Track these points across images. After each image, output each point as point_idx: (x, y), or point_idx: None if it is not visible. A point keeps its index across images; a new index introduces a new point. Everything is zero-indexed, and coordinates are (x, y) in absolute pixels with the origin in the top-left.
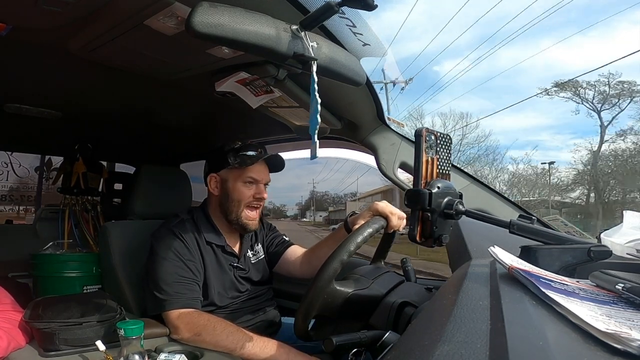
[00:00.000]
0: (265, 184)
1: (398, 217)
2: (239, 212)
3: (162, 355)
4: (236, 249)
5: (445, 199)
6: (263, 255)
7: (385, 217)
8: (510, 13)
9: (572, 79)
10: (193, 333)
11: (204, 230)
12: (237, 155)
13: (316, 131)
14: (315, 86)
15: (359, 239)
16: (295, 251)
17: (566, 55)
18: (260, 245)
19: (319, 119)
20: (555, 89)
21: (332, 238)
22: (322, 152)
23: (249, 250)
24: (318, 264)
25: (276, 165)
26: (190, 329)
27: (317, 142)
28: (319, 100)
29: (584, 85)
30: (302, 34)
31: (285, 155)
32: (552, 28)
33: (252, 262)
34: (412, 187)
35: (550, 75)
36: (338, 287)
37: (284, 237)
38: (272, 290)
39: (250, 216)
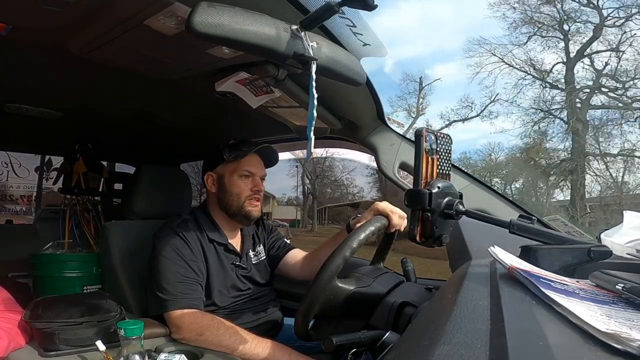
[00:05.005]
0: (262, 178)
1: (399, 216)
2: (240, 204)
3: (162, 355)
4: (238, 247)
5: (445, 199)
6: (264, 257)
7: (386, 216)
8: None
9: None
10: (195, 333)
11: (206, 228)
12: (232, 150)
13: (312, 129)
14: (314, 83)
15: (362, 236)
16: (296, 255)
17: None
18: (261, 247)
19: (315, 114)
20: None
21: (333, 241)
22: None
23: (250, 250)
24: (318, 265)
25: (270, 158)
26: (193, 329)
27: (312, 138)
28: (316, 95)
29: None
30: (302, 34)
31: (283, 155)
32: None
33: (254, 262)
34: (412, 187)
35: None
36: (340, 284)
37: (285, 240)
38: (274, 292)
39: (253, 203)
